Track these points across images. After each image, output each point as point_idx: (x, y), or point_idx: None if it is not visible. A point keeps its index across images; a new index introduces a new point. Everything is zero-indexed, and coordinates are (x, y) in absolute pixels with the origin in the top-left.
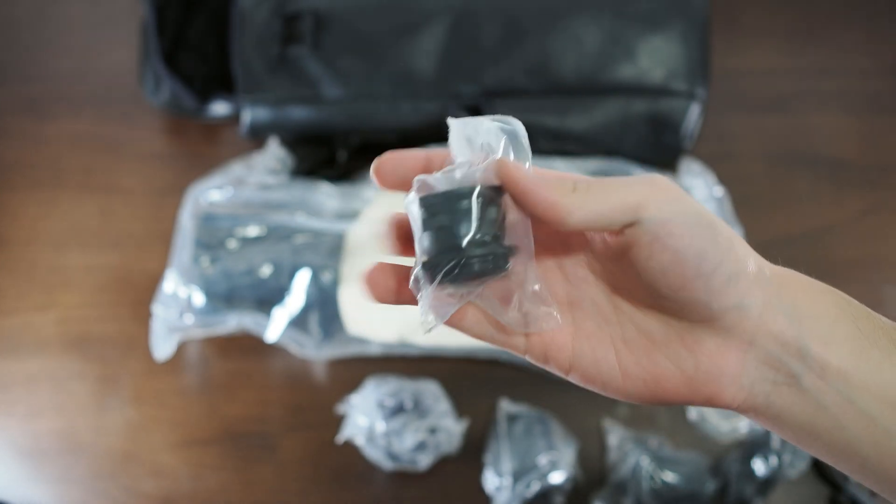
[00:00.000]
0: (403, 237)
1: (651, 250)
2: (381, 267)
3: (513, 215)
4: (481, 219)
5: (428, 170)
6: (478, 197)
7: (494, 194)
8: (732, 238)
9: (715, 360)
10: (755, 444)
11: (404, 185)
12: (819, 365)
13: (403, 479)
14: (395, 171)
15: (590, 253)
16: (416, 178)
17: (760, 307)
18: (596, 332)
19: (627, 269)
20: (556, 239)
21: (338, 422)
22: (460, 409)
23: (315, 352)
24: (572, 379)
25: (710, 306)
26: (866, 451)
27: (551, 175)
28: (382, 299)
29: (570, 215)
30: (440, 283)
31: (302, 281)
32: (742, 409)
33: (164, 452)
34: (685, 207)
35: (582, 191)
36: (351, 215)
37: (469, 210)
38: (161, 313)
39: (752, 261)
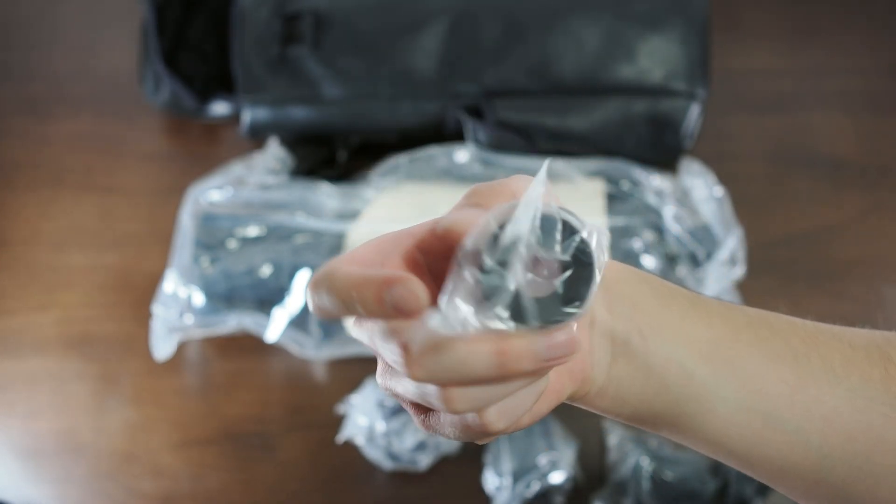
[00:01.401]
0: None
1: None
2: None
3: None
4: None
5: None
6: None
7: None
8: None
9: (580, 339)
10: None
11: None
12: (640, 326)
13: (403, 479)
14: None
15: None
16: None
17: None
18: None
19: None
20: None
21: (338, 422)
22: None
23: (315, 352)
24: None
25: None
26: (692, 409)
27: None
28: None
29: (449, 219)
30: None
31: (302, 281)
32: (595, 394)
33: (164, 452)
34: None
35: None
36: (351, 215)
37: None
38: (161, 313)
39: None
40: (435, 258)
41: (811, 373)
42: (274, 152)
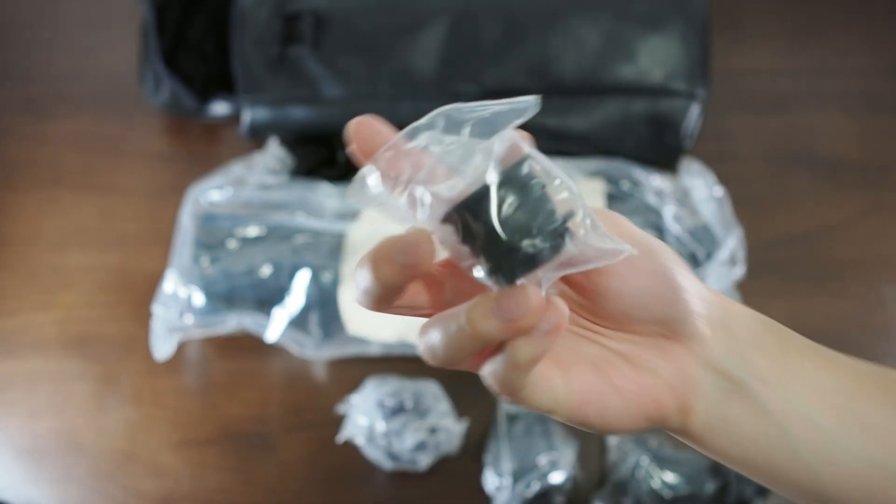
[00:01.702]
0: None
1: (624, 277)
2: None
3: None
4: (528, 194)
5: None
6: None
7: (521, 170)
8: (676, 257)
9: (682, 365)
10: None
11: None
12: (759, 370)
13: (403, 479)
14: (372, 141)
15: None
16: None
17: (707, 317)
18: (574, 356)
19: (589, 298)
20: None
21: (338, 422)
22: (460, 409)
23: (315, 352)
24: (562, 415)
25: (673, 317)
26: (810, 459)
27: None
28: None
29: None
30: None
31: (302, 281)
32: (701, 427)
33: (163, 452)
34: (637, 234)
35: None
36: (351, 215)
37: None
38: (161, 313)
39: (692, 280)
40: None
41: None
42: (274, 152)
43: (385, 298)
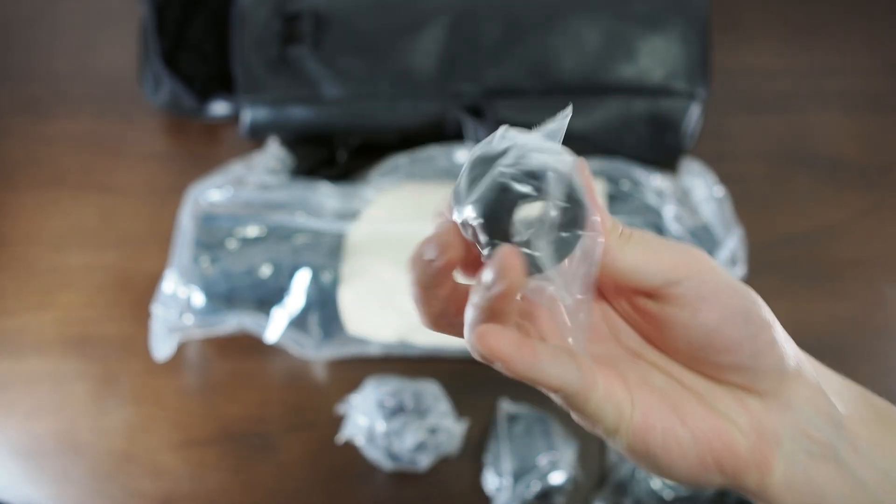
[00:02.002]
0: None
1: (696, 308)
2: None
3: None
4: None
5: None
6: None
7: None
8: (765, 305)
9: (762, 419)
10: None
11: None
12: (852, 437)
13: (403, 479)
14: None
15: (622, 308)
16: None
17: (796, 373)
18: (643, 383)
19: (662, 332)
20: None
21: (338, 422)
22: (460, 409)
23: (315, 352)
24: (624, 437)
25: (754, 367)
26: None
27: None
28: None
29: (612, 262)
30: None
31: (302, 281)
32: (781, 488)
33: (163, 452)
34: (722, 273)
35: (628, 237)
36: (351, 215)
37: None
38: (161, 313)
39: (784, 335)
40: None
41: None
42: (274, 152)
43: (430, 303)
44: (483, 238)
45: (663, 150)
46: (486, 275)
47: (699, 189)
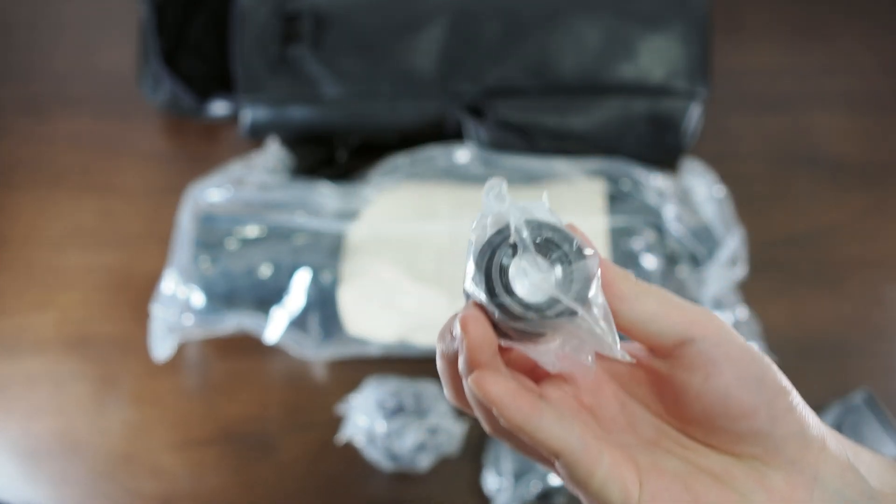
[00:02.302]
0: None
1: (708, 372)
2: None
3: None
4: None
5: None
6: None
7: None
8: (780, 372)
9: (784, 496)
10: None
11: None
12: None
13: (404, 479)
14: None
15: (633, 376)
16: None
17: (820, 444)
18: (654, 467)
19: (676, 399)
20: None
21: (337, 422)
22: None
23: (315, 352)
24: None
25: (773, 434)
26: None
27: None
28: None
29: (628, 310)
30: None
31: (302, 281)
32: None
33: (163, 453)
34: (736, 337)
35: (645, 288)
36: (351, 215)
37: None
38: (160, 314)
39: (803, 405)
40: None
41: None
42: (273, 152)
43: (454, 377)
44: (500, 316)
45: (664, 149)
46: (455, 329)
47: (700, 189)
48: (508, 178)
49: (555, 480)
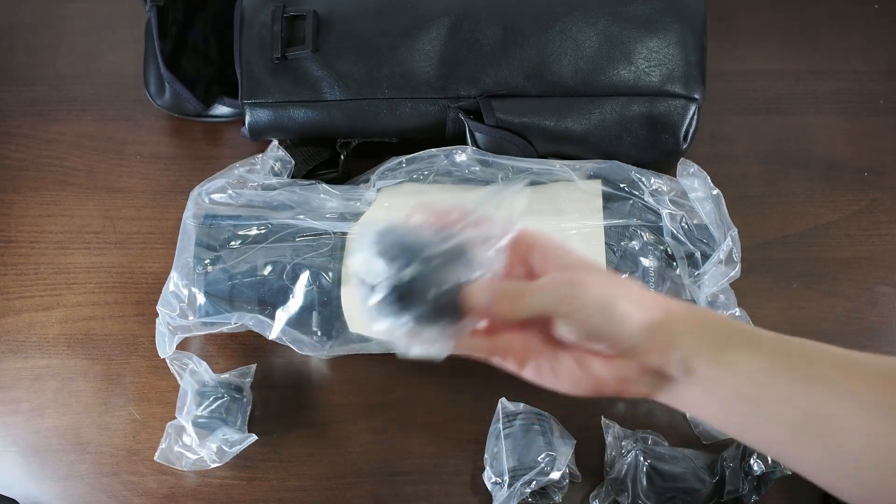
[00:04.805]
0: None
1: (566, 330)
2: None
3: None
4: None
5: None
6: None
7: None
8: (626, 305)
9: (618, 370)
10: None
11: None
12: (690, 364)
13: (404, 478)
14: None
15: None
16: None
17: (643, 335)
18: (536, 352)
19: (551, 331)
20: None
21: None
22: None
23: (315, 351)
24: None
25: (614, 346)
26: (733, 420)
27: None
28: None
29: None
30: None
31: (302, 281)
32: (646, 396)
33: None
34: (587, 300)
35: (517, 297)
36: (352, 216)
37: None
38: (164, 313)
39: (637, 317)
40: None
41: (836, 396)
42: (275, 154)
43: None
44: None
45: (660, 151)
46: None
47: (696, 190)
48: (507, 179)
49: (553, 478)
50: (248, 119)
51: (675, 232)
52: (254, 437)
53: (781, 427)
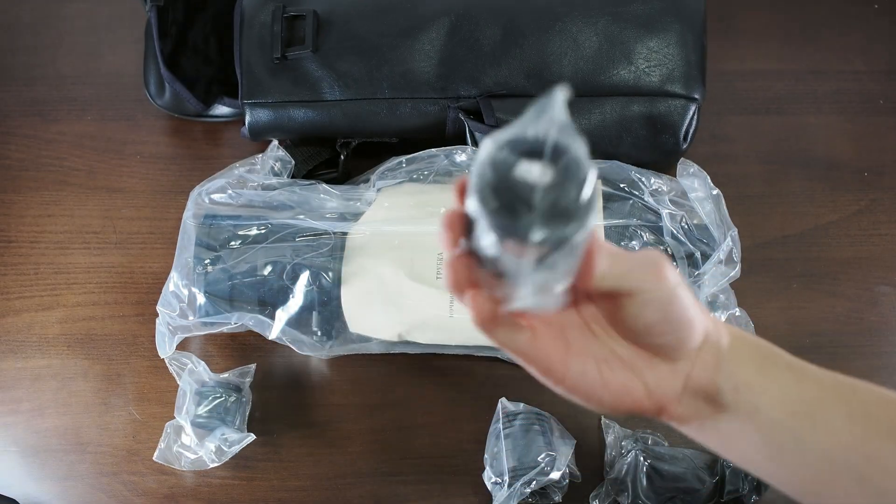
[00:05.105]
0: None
1: (640, 311)
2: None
3: None
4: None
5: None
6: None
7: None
8: (692, 306)
9: (667, 380)
10: None
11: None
12: (737, 384)
13: (403, 478)
14: None
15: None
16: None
17: (699, 348)
18: (583, 350)
19: (618, 313)
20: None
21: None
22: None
23: (315, 351)
24: (560, 390)
25: (671, 351)
26: (770, 448)
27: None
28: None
29: (600, 280)
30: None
31: (302, 281)
32: (681, 421)
33: None
34: (665, 284)
35: (618, 260)
36: (352, 216)
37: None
38: (164, 313)
39: (701, 320)
40: None
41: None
42: (275, 154)
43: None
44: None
45: (660, 151)
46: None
47: (696, 190)
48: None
49: (553, 477)
50: (248, 119)
51: (675, 232)
52: (252, 437)
53: (824, 463)
